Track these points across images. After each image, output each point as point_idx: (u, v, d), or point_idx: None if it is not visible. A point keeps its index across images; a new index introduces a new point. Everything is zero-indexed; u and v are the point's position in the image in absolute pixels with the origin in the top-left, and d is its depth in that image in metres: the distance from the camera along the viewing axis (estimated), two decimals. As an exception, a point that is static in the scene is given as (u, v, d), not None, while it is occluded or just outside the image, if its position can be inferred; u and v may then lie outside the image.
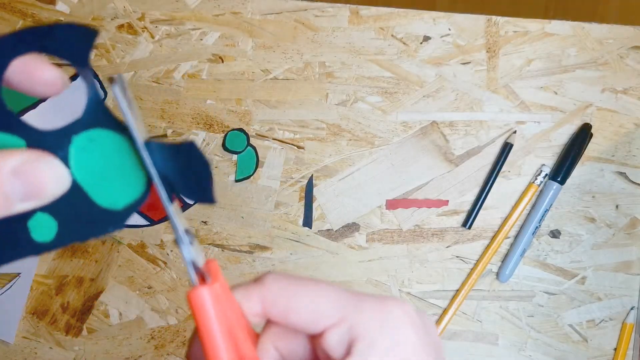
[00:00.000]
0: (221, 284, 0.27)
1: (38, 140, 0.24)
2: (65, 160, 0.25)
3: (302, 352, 0.29)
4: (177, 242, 0.27)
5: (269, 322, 0.30)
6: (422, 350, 0.27)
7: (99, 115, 0.25)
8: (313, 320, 0.27)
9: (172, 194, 0.26)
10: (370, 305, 0.27)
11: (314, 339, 0.29)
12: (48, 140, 0.25)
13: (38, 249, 0.25)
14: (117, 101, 0.24)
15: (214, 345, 0.25)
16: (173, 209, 0.26)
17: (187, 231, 0.27)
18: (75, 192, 0.25)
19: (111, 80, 0.24)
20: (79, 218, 0.26)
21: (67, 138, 0.25)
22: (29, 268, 0.59)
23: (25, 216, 0.25)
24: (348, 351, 0.26)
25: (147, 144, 0.25)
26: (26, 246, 0.25)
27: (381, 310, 0.27)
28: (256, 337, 0.30)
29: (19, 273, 0.59)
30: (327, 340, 0.27)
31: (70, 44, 0.24)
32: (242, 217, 0.60)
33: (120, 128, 0.25)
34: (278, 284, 0.28)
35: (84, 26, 0.24)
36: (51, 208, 0.25)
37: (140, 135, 0.25)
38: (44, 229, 0.25)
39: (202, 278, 0.27)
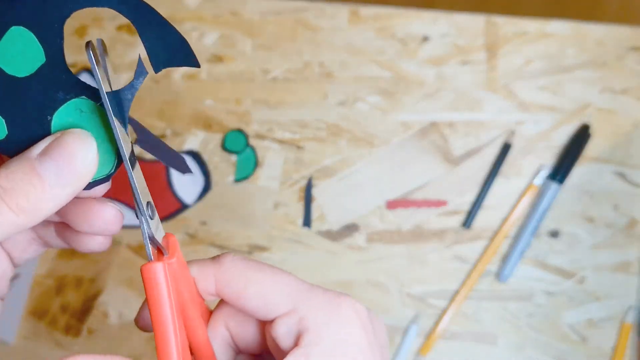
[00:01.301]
0: (178, 259, 0.27)
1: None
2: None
3: (252, 335, 0.29)
4: (136, 214, 0.26)
5: (222, 301, 0.30)
6: (368, 350, 0.27)
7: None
8: (264, 307, 0.27)
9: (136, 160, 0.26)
10: (322, 300, 0.27)
11: (264, 324, 0.29)
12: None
13: None
14: (91, 66, 0.24)
15: (163, 323, 0.25)
16: (135, 178, 0.25)
17: (148, 204, 0.26)
18: None
19: (86, 45, 0.24)
20: None
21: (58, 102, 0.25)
22: (29, 268, 0.59)
23: None
24: (295, 342, 0.27)
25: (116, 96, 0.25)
26: None
27: (332, 306, 0.27)
28: (209, 314, 0.30)
29: (19, 273, 0.59)
30: (276, 328, 0.27)
31: None
32: (242, 218, 0.60)
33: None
34: (235, 266, 0.28)
35: None
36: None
37: (108, 100, 0.24)
38: None
39: (160, 252, 0.27)
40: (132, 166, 0.25)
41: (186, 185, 0.59)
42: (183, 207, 0.59)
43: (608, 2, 1.03)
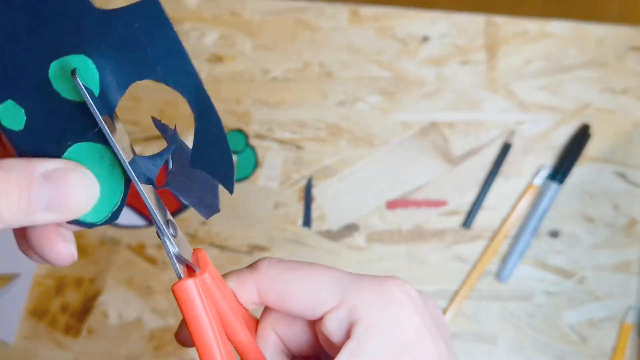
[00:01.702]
0: (211, 273, 0.26)
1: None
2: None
3: (303, 336, 0.28)
4: (158, 234, 0.25)
5: (267, 307, 0.29)
6: (426, 330, 0.26)
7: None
8: (311, 306, 0.27)
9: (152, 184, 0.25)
10: (369, 286, 0.26)
11: (314, 323, 0.28)
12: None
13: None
14: (85, 98, 0.22)
15: (204, 338, 0.25)
16: (151, 199, 0.25)
17: (169, 222, 0.26)
18: None
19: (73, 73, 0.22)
20: None
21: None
22: (29, 268, 0.59)
23: None
24: (348, 335, 0.26)
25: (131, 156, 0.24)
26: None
27: (380, 291, 0.26)
28: (256, 323, 0.29)
29: (19, 273, 0.59)
30: (326, 324, 0.26)
31: None
32: (242, 218, 0.60)
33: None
34: (273, 270, 0.27)
35: None
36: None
37: (119, 140, 0.24)
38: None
39: (191, 270, 0.26)
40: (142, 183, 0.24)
41: (186, 185, 0.59)
42: (183, 207, 0.59)
43: (608, 2, 1.03)
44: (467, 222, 0.59)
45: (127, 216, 0.59)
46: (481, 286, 0.59)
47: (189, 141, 0.25)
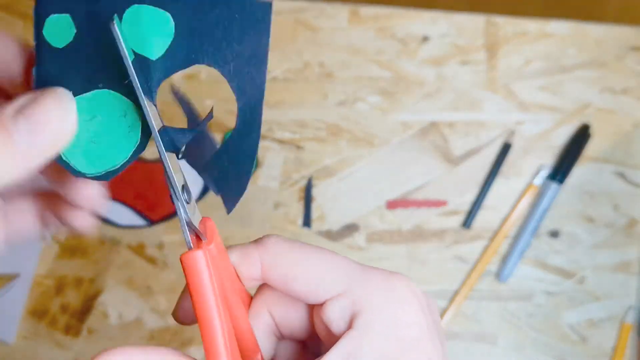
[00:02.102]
0: (217, 244, 0.26)
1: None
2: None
3: (297, 320, 0.28)
4: (172, 199, 0.25)
5: (263, 285, 0.28)
6: (426, 329, 0.26)
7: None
8: (315, 289, 0.26)
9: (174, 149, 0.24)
10: (376, 279, 0.26)
11: (313, 309, 0.27)
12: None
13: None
14: (117, 42, 0.21)
15: (208, 311, 0.24)
16: (170, 161, 0.24)
17: (183, 187, 0.25)
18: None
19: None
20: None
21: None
22: (29, 268, 0.59)
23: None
24: (349, 325, 0.25)
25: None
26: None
27: (387, 286, 0.26)
28: (249, 299, 0.28)
29: (19, 273, 0.59)
30: (327, 311, 0.26)
31: None
32: (241, 218, 0.60)
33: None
34: (280, 248, 0.27)
35: None
36: None
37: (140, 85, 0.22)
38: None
39: (198, 238, 0.26)
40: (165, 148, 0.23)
41: (186, 185, 0.59)
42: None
43: (608, 2, 1.03)
44: (467, 222, 0.59)
45: (127, 216, 0.59)
46: (481, 286, 0.59)
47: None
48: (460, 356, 0.59)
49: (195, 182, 0.59)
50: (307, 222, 0.59)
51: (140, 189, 0.58)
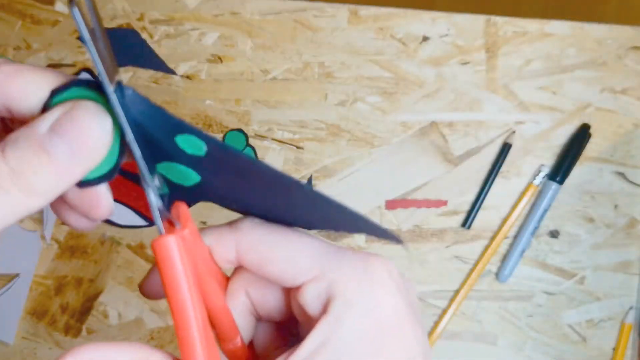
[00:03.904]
0: (190, 229, 0.25)
1: None
2: None
3: (275, 301, 0.28)
4: (141, 184, 0.24)
5: (240, 267, 0.28)
6: (405, 311, 0.25)
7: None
8: (290, 272, 0.26)
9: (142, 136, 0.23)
10: (352, 261, 0.25)
11: (289, 291, 0.27)
12: None
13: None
14: (78, 28, 0.20)
15: (180, 300, 0.24)
16: (140, 147, 0.23)
17: (156, 174, 0.25)
18: None
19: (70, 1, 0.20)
20: None
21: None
22: (28, 268, 0.59)
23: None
24: (325, 308, 0.25)
25: (120, 88, 0.22)
26: None
27: (363, 268, 0.25)
28: (226, 280, 0.28)
29: (19, 273, 0.59)
30: (303, 294, 0.25)
31: None
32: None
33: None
34: (255, 231, 0.26)
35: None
36: None
37: (106, 73, 0.21)
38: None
39: (171, 224, 0.25)
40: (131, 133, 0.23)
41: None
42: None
43: (608, 2, 1.03)
44: (467, 222, 0.59)
45: (127, 216, 0.59)
46: (481, 286, 0.59)
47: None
48: (460, 356, 0.59)
49: (195, 182, 0.59)
50: (307, 222, 0.59)
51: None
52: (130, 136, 0.22)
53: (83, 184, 0.23)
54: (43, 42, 0.60)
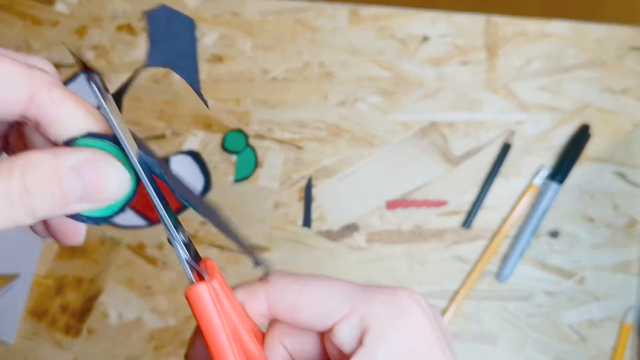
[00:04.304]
0: (219, 281, 0.26)
1: None
2: None
3: (311, 349, 0.29)
4: (169, 240, 0.26)
5: (274, 320, 0.29)
6: (435, 338, 0.26)
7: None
8: (322, 315, 0.27)
9: (162, 192, 0.25)
10: (380, 295, 0.27)
11: (324, 336, 0.28)
12: None
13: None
14: (98, 99, 0.23)
15: (219, 342, 0.24)
16: (163, 206, 0.25)
17: (180, 228, 0.26)
18: None
19: (88, 74, 0.22)
20: None
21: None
22: (29, 269, 0.59)
23: None
24: (360, 343, 0.26)
25: (138, 144, 0.24)
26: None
27: (392, 300, 0.26)
28: (262, 336, 0.29)
29: (19, 273, 0.59)
30: (337, 334, 0.26)
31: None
32: (242, 218, 0.60)
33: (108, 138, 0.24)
34: (283, 281, 0.28)
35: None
36: None
37: (127, 138, 0.24)
38: None
39: (200, 277, 0.26)
40: (158, 194, 0.25)
41: (186, 185, 0.59)
42: (183, 207, 0.59)
43: (608, 2, 1.03)
44: (467, 222, 0.59)
45: (127, 216, 0.59)
46: (481, 286, 0.59)
47: (188, 142, 0.25)
48: (460, 356, 0.59)
49: (195, 182, 0.59)
50: (307, 222, 0.59)
51: (141, 189, 0.58)
52: (160, 207, 0.25)
53: (76, 217, 0.24)
54: (43, 42, 0.60)
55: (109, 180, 0.23)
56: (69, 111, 0.23)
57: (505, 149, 0.59)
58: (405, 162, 0.60)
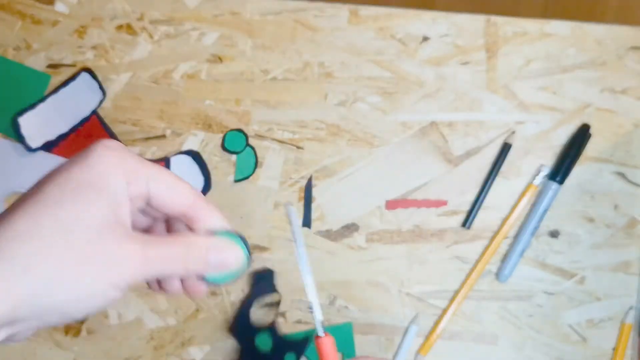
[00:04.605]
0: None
1: None
2: None
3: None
4: (310, 309, 0.40)
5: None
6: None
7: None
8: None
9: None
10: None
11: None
12: None
13: None
14: (291, 223, 0.39)
15: None
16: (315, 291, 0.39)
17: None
18: None
19: (287, 207, 0.39)
20: None
21: None
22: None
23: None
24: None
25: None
26: None
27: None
28: None
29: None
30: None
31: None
32: (241, 218, 0.60)
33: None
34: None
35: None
36: None
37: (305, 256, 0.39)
38: None
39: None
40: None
41: (186, 185, 0.59)
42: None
43: (608, 2, 1.03)
44: (467, 222, 0.59)
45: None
46: (481, 286, 0.59)
47: (188, 142, 0.25)
48: (460, 356, 0.59)
49: (195, 182, 0.60)
50: (307, 222, 0.59)
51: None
52: (312, 292, 0.40)
53: (206, 278, 0.35)
54: (43, 42, 0.60)
55: (232, 257, 0.35)
56: (215, 214, 0.36)
57: (505, 149, 0.59)
58: (405, 162, 0.60)
